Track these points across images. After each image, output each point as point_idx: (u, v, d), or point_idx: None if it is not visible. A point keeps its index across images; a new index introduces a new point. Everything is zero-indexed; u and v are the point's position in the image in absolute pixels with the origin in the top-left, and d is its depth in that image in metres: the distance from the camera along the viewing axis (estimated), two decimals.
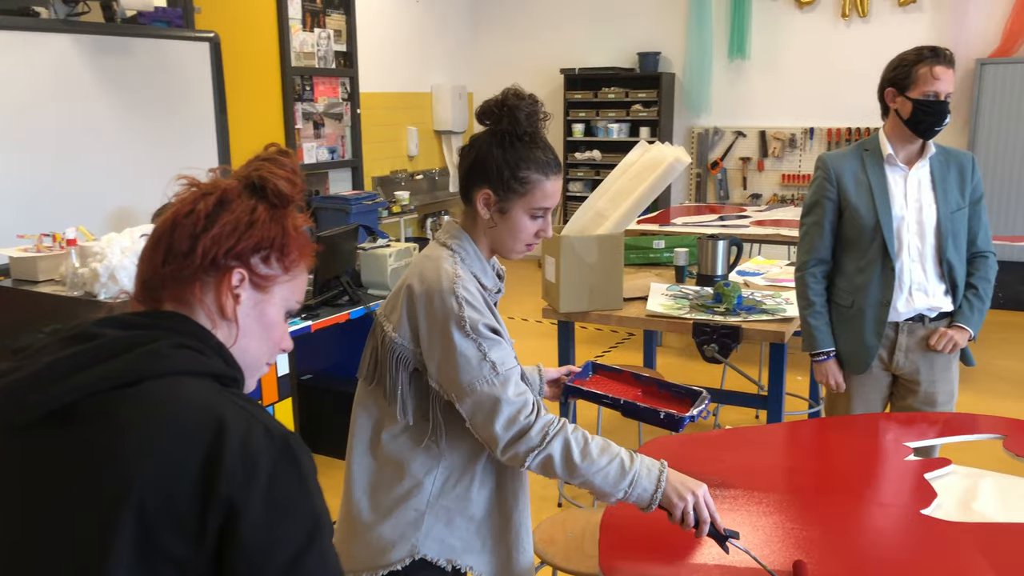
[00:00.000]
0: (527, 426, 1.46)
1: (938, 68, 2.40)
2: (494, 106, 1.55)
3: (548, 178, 1.55)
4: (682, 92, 7.84)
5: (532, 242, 1.60)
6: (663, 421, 1.73)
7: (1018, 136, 6.33)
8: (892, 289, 2.52)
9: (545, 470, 1.47)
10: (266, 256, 1.02)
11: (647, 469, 1.48)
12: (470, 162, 1.58)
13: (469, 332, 1.47)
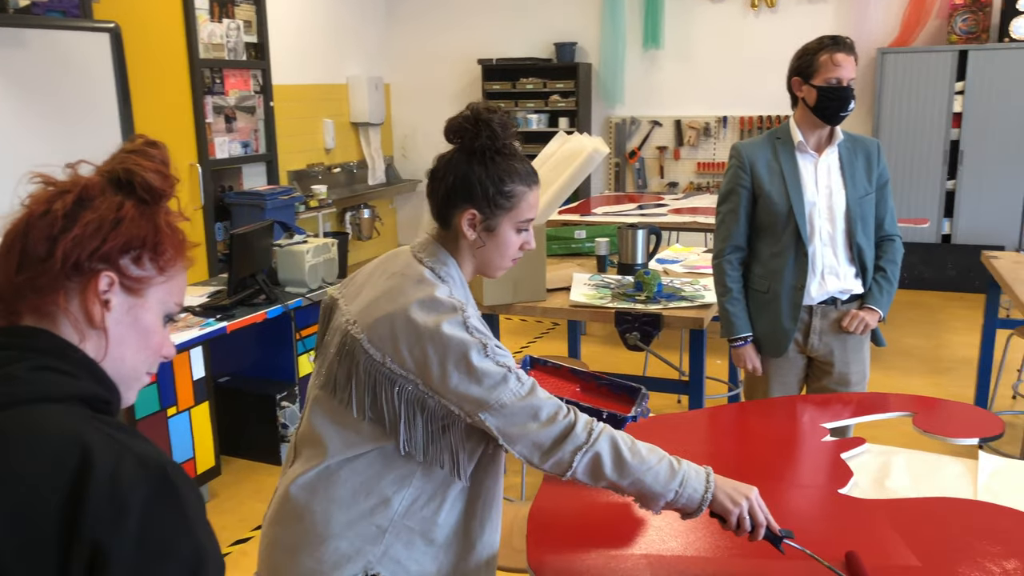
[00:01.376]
0: (571, 423, 1.39)
1: (839, 55, 2.47)
2: (466, 122, 1.49)
3: (531, 188, 1.51)
4: (598, 82, 7.91)
5: (517, 256, 1.55)
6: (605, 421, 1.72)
7: (918, 122, 6.60)
8: (806, 273, 2.58)
9: (594, 472, 1.39)
10: (137, 257, 0.93)
11: (695, 471, 1.43)
12: (449, 184, 1.49)
13: (488, 353, 1.40)
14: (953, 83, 6.46)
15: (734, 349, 2.73)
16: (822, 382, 2.72)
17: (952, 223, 6.68)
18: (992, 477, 1.80)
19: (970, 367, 4.86)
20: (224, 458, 3.74)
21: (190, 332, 3.26)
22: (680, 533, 1.57)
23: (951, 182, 6.63)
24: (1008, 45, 6.32)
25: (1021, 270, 3.61)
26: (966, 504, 1.68)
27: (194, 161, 5.80)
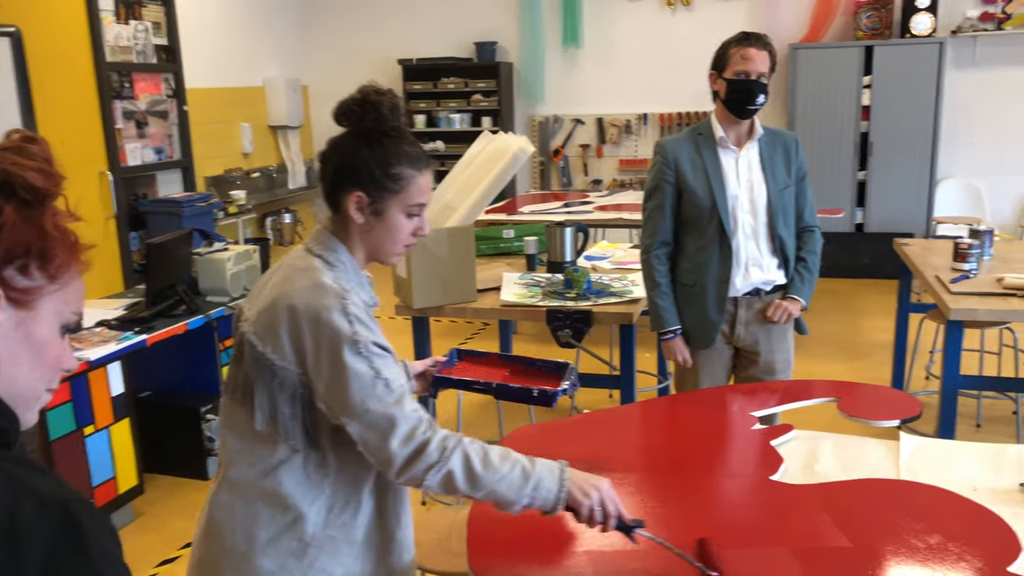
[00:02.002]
0: (425, 442, 1.38)
1: (749, 50, 2.53)
2: (354, 104, 1.47)
3: (421, 172, 1.49)
4: (520, 81, 7.93)
5: (410, 242, 1.53)
6: (537, 398, 1.73)
7: (829, 115, 6.82)
8: (730, 266, 2.64)
9: (447, 486, 1.40)
10: (23, 265, 0.84)
11: (548, 471, 1.44)
12: (336, 166, 1.48)
13: (361, 350, 1.37)
14: (861, 77, 6.70)
15: (664, 342, 2.77)
16: (749, 371, 2.78)
17: (864, 212, 6.93)
18: (912, 456, 1.87)
19: (886, 351, 5.05)
20: (148, 476, 3.61)
21: (107, 347, 3.13)
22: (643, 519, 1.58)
23: (862, 173, 6.87)
24: (910, 40, 6.59)
25: (931, 256, 3.77)
26: (890, 484, 1.74)
27: (104, 169, 5.58)
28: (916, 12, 6.57)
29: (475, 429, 4.18)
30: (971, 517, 1.58)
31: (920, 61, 6.55)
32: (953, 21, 6.75)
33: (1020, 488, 1.69)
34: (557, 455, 1.89)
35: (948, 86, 6.79)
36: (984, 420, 4.12)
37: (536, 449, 1.93)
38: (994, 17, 6.64)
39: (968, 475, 1.77)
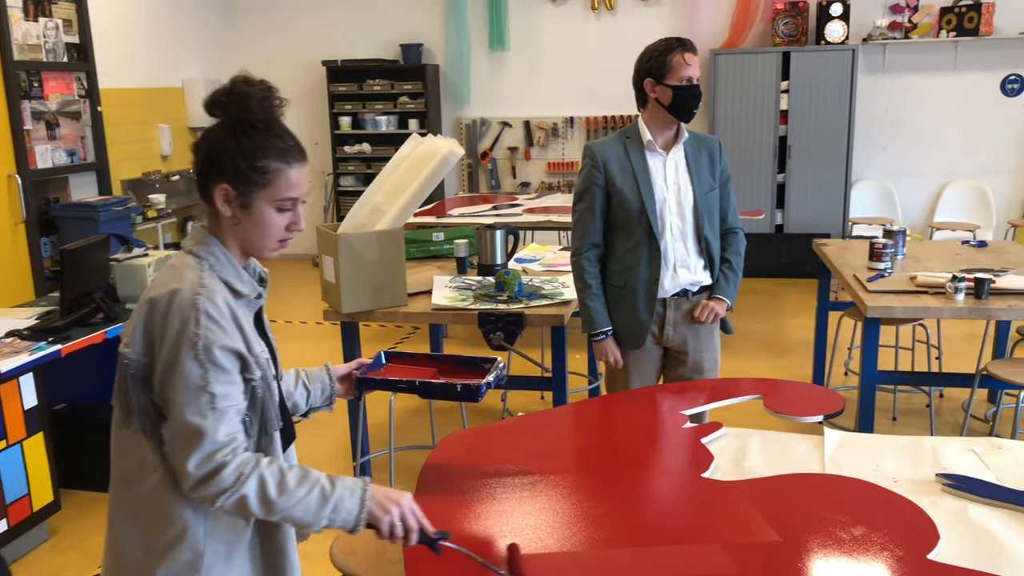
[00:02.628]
0: (221, 465, 1.35)
1: (688, 55, 2.58)
2: (222, 95, 1.44)
3: (291, 166, 1.45)
4: (446, 84, 7.91)
5: (285, 237, 1.49)
6: (460, 393, 1.73)
7: (750, 119, 7.00)
8: (659, 267, 2.68)
9: (240, 510, 1.38)
10: None
11: (350, 491, 1.43)
12: (203, 157, 1.45)
13: (200, 353, 1.35)
14: (779, 82, 6.91)
15: (595, 343, 2.80)
16: (678, 371, 2.83)
17: (784, 214, 7.13)
18: (836, 451, 1.93)
19: (807, 348, 5.21)
20: (65, 492, 3.46)
21: (18, 358, 2.99)
22: (556, 529, 1.59)
23: (781, 175, 7.08)
24: (824, 47, 6.82)
25: (848, 256, 3.90)
26: (816, 478, 1.79)
27: (12, 172, 5.34)
28: (830, 20, 6.80)
29: (408, 434, 4.14)
30: (892, 508, 1.64)
31: (834, 67, 6.79)
32: (864, 29, 7.02)
33: (936, 479, 1.76)
34: (490, 459, 1.89)
35: (861, 91, 7.05)
36: (900, 413, 4.29)
37: (469, 453, 1.93)
38: (902, 26, 6.93)
39: (888, 467, 1.84)
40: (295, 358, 5.23)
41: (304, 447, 3.95)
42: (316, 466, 1.51)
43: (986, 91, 7.04)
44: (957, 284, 3.10)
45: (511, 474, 1.81)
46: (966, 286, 3.13)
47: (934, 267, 3.60)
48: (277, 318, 6.36)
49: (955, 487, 1.72)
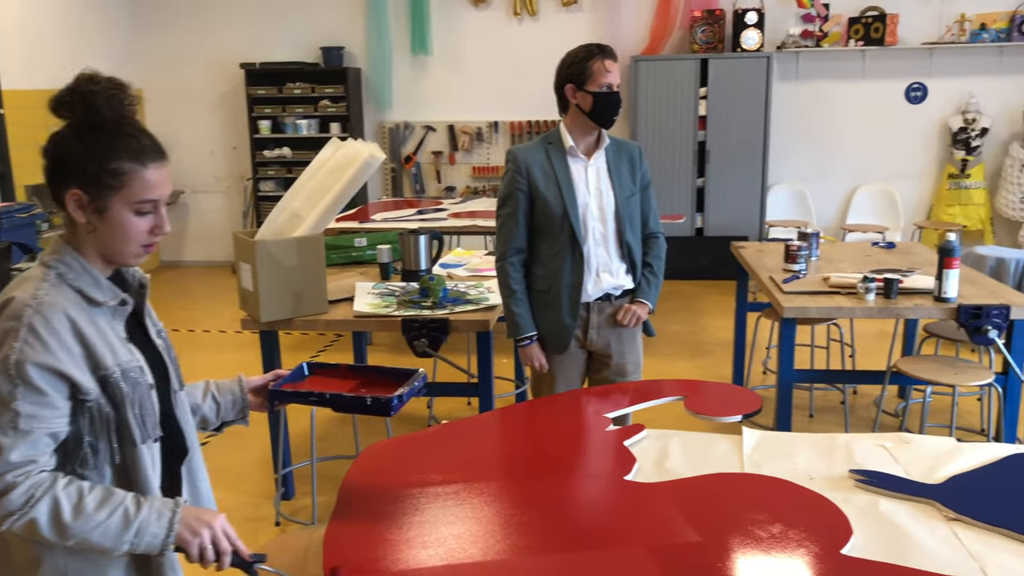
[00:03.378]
0: (10, 486, 1.29)
1: (608, 62, 2.61)
2: (66, 95, 1.38)
3: (146, 166, 1.39)
4: (369, 87, 7.83)
5: (148, 242, 1.43)
6: (371, 407, 1.68)
7: (670, 125, 7.13)
8: (583, 272, 2.69)
9: (30, 533, 1.32)
10: None
11: (157, 514, 1.37)
12: (50, 162, 1.39)
13: (11, 367, 1.29)
14: (697, 89, 7.05)
15: (521, 348, 2.80)
16: (602, 374, 2.85)
17: (704, 217, 7.29)
18: (755, 449, 1.97)
19: (727, 348, 5.32)
20: None
21: None
22: (479, 538, 1.57)
23: (701, 180, 7.23)
24: (740, 54, 7.00)
25: (764, 258, 4.00)
26: (735, 478, 1.82)
27: None
28: (745, 28, 6.99)
29: (331, 444, 4.07)
30: (808, 505, 1.68)
31: (750, 74, 6.97)
32: (778, 37, 7.24)
33: (849, 474, 1.82)
34: (413, 468, 1.86)
35: (776, 97, 7.26)
36: (816, 410, 4.42)
37: (391, 463, 1.90)
38: (813, 35, 7.16)
39: (804, 464, 1.88)
40: (213, 369, 5.09)
41: (223, 460, 3.83)
42: (237, 480, 1.47)
43: (892, 98, 7.34)
44: (868, 284, 3.22)
45: (434, 483, 1.79)
46: (876, 286, 3.24)
47: (846, 268, 3.73)
48: (195, 327, 6.18)
49: (867, 482, 1.77)
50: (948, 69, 7.22)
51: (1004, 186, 7.14)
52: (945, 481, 1.77)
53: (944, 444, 1.96)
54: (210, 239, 8.37)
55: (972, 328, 3.10)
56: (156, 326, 1.57)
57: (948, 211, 7.26)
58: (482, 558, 1.51)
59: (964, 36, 7.03)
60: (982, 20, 7.04)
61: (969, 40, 7.03)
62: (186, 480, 1.58)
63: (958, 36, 7.06)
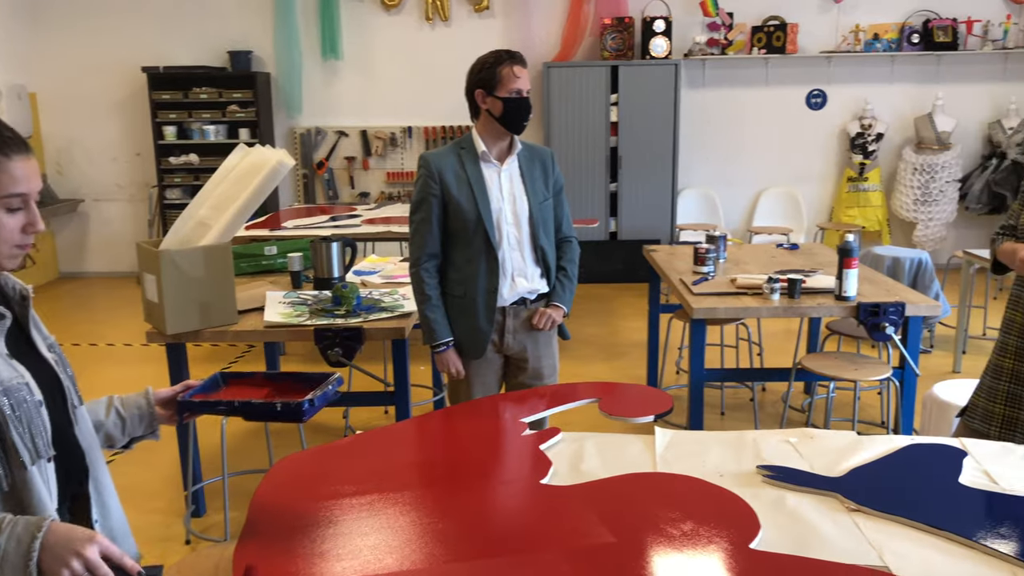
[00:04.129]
0: None
1: (517, 68, 2.63)
2: None
3: (10, 158, 1.32)
4: (279, 92, 7.67)
5: (22, 242, 1.37)
6: (282, 413, 1.63)
7: (583, 130, 7.23)
8: (497, 276, 2.70)
9: None
10: None
11: (16, 542, 1.24)
12: None
13: None
14: (608, 95, 7.17)
15: (437, 355, 2.78)
16: (519, 378, 2.86)
17: (617, 221, 7.41)
18: (667, 449, 2.01)
19: (642, 349, 5.42)
20: None
21: None
22: (395, 548, 1.55)
23: (614, 185, 7.35)
24: (649, 62, 7.15)
25: (675, 260, 4.09)
26: (648, 477, 1.85)
27: None
28: (654, 36, 7.14)
29: (244, 458, 3.96)
30: (718, 501, 1.72)
31: (659, 81, 7.13)
32: (685, 45, 7.43)
33: (757, 470, 1.87)
34: (326, 480, 1.83)
35: (684, 104, 7.45)
36: (727, 408, 4.54)
37: (304, 476, 1.86)
38: (719, 43, 7.38)
39: (714, 462, 1.93)
40: (119, 384, 4.89)
41: (130, 478, 3.69)
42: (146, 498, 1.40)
43: (794, 105, 7.62)
44: (772, 285, 3.32)
45: (348, 494, 1.76)
46: (780, 287, 3.35)
47: (752, 269, 3.84)
48: (98, 341, 5.93)
49: (773, 477, 1.83)
50: (845, 77, 7.54)
51: (899, 188, 7.50)
52: (846, 473, 1.84)
53: (845, 438, 2.04)
54: (113, 249, 8.05)
55: (871, 325, 3.23)
56: (46, 339, 1.50)
57: (848, 213, 7.58)
58: (397, 568, 1.50)
59: (859, 45, 7.36)
60: (875, 30, 7.38)
61: (864, 49, 7.36)
62: (95, 500, 1.51)
63: (854, 45, 7.38)
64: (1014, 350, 2.50)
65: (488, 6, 7.44)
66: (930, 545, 1.57)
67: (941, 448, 1.98)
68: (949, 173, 7.31)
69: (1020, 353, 2.48)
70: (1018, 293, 2.51)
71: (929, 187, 7.31)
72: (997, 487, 1.78)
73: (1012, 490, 1.76)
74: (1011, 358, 2.51)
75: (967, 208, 7.48)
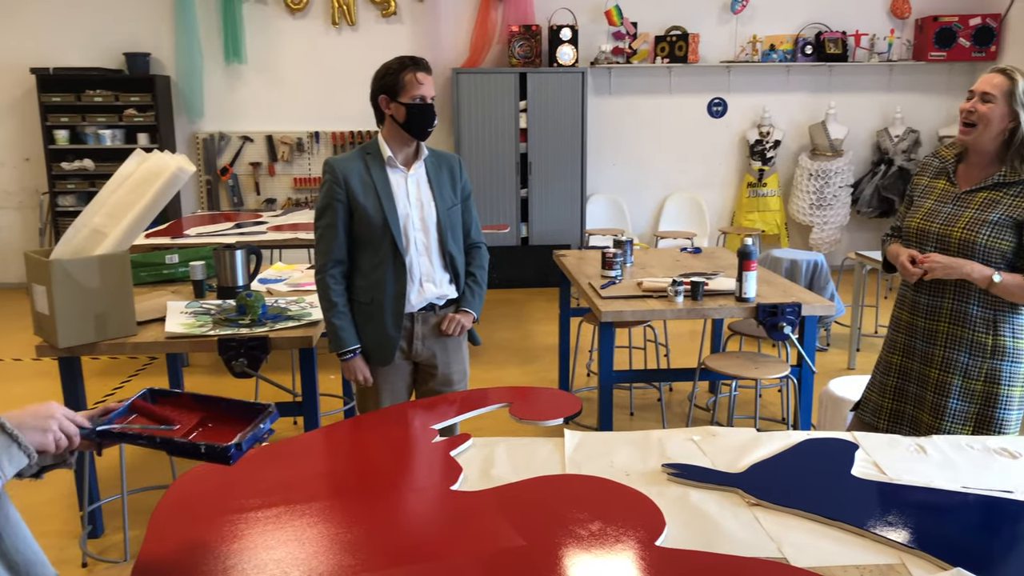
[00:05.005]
0: None
1: (420, 74, 2.62)
2: None
3: None
4: (180, 96, 7.44)
5: None
6: (205, 455, 1.55)
7: (493, 137, 7.27)
8: (405, 282, 2.69)
9: None
10: None
11: None
12: None
13: None
14: (517, 102, 7.23)
15: (344, 362, 2.75)
16: (428, 385, 2.85)
17: (528, 227, 7.47)
18: (576, 451, 2.03)
19: (553, 353, 5.48)
20: None
21: None
22: (302, 561, 1.53)
23: (524, 190, 7.41)
24: (556, 69, 7.24)
25: (584, 265, 4.16)
26: (557, 479, 1.87)
27: None
28: (561, 44, 7.24)
29: (144, 475, 3.81)
30: (625, 501, 1.76)
31: (567, 88, 7.23)
32: (592, 53, 7.56)
33: (662, 469, 1.92)
34: (231, 495, 1.78)
35: (591, 111, 7.58)
36: (636, 408, 4.63)
37: (208, 491, 1.80)
38: (623, 52, 7.54)
39: (622, 462, 1.97)
40: (8, 401, 4.65)
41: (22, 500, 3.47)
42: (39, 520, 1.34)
43: (696, 112, 7.85)
44: (677, 288, 3.41)
45: (254, 508, 1.72)
46: (684, 289, 3.45)
47: (658, 273, 3.94)
48: None
49: (678, 475, 1.88)
50: (744, 86, 7.81)
51: (795, 193, 7.81)
52: (747, 469, 1.91)
53: (746, 435, 2.12)
54: (1, 259, 7.64)
55: (769, 325, 3.36)
56: None
57: (748, 217, 7.85)
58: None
59: (757, 56, 7.65)
60: (771, 41, 7.68)
61: (761, 59, 7.65)
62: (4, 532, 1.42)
63: (751, 56, 7.66)
64: (901, 347, 2.64)
65: (395, 11, 7.41)
66: (825, 535, 1.64)
67: (834, 442, 2.07)
68: (842, 179, 7.66)
69: (907, 350, 2.62)
70: (903, 292, 2.65)
71: (824, 192, 7.64)
72: (885, 477, 1.87)
73: (899, 479, 1.86)
74: (898, 354, 2.65)
75: (859, 212, 7.85)
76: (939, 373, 2.52)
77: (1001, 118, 2.37)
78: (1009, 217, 2.37)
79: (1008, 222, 2.37)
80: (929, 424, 2.54)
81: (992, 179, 2.42)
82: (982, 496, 1.79)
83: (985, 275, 2.37)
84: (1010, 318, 2.45)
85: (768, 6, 7.66)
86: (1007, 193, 2.39)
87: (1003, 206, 2.39)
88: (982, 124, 2.39)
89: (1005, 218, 2.37)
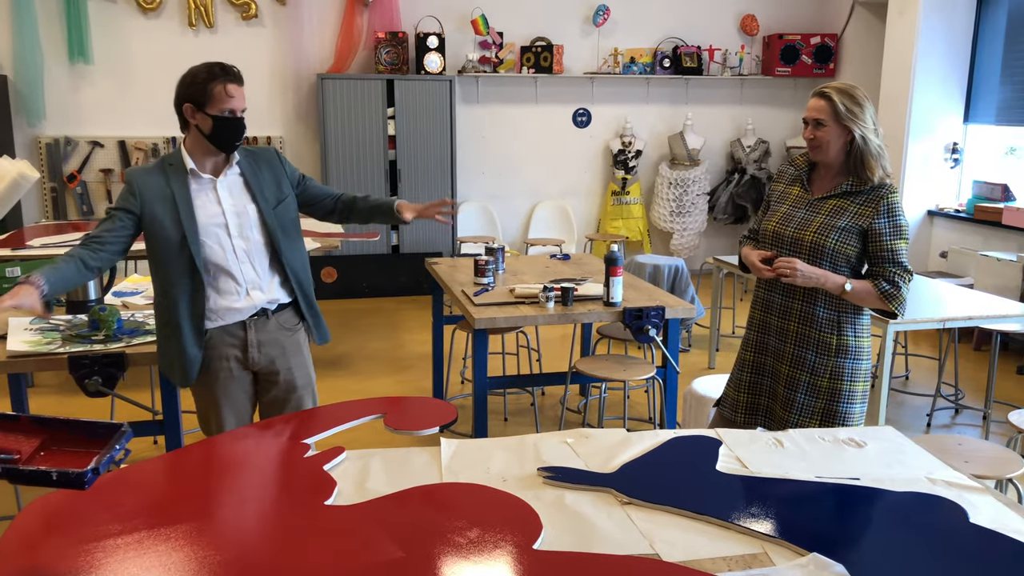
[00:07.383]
0: None
1: (232, 86, 2.53)
2: None
3: None
4: (18, 98, 6.93)
5: None
6: (58, 482, 1.45)
7: (360, 143, 7.17)
8: (203, 299, 2.58)
9: None
10: None
11: None
12: None
13: None
14: (385, 109, 7.17)
15: None
16: (272, 393, 2.76)
17: (399, 235, 7.41)
18: (452, 459, 2.03)
19: (427, 361, 5.45)
20: None
21: None
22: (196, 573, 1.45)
23: (394, 198, 7.33)
24: (424, 77, 7.23)
25: (456, 273, 4.16)
26: (434, 488, 1.86)
27: None
28: (428, 51, 7.24)
29: None
30: (502, 506, 1.77)
31: (435, 96, 7.23)
32: (459, 62, 7.59)
33: (538, 473, 1.94)
34: (89, 521, 1.67)
35: (460, 119, 7.61)
36: (510, 414, 4.68)
37: (59, 520, 1.69)
38: (490, 61, 7.61)
39: (498, 468, 1.98)
40: None
41: None
42: None
43: (562, 122, 8.03)
44: (547, 294, 3.47)
45: (113, 535, 1.62)
46: (554, 295, 3.51)
47: (529, 279, 4.00)
48: None
49: (553, 478, 1.91)
50: (607, 97, 8.06)
51: (657, 201, 8.12)
52: (618, 469, 1.96)
53: (617, 435, 2.18)
54: None
55: (635, 328, 3.47)
56: None
57: (613, 224, 8.09)
58: None
59: (618, 68, 7.90)
60: (632, 54, 7.96)
61: (622, 72, 7.91)
62: None
63: (613, 68, 7.91)
64: (755, 344, 2.80)
65: (256, 14, 7.19)
66: (693, 530, 1.71)
67: (699, 439, 2.16)
68: (699, 187, 8.02)
69: (760, 346, 2.78)
70: (758, 292, 2.81)
71: (683, 200, 7.98)
72: (747, 471, 1.97)
73: (759, 472, 1.96)
74: (752, 351, 2.81)
75: (715, 218, 8.24)
76: (789, 369, 2.69)
77: (837, 136, 2.56)
78: (855, 224, 2.56)
79: (855, 228, 2.56)
80: (782, 417, 2.70)
81: (841, 188, 2.61)
82: (833, 484, 1.91)
83: (838, 284, 2.55)
84: (853, 319, 2.64)
85: (628, 20, 7.94)
86: (854, 201, 2.58)
87: (849, 214, 2.58)
88: (824, 146, 2.58)
89: (852, 225, 2.56)
